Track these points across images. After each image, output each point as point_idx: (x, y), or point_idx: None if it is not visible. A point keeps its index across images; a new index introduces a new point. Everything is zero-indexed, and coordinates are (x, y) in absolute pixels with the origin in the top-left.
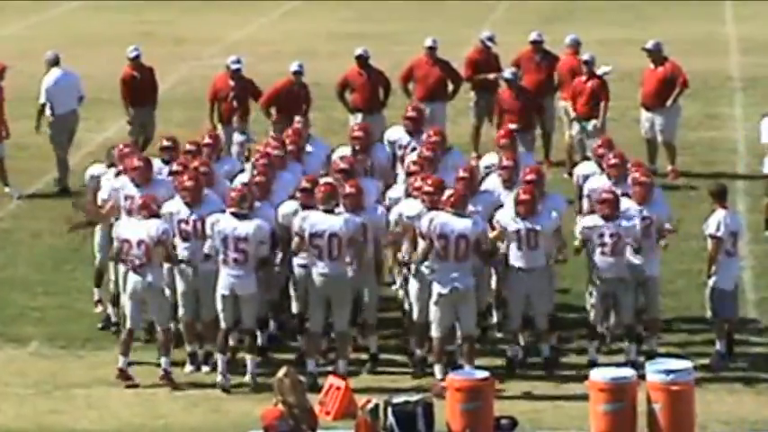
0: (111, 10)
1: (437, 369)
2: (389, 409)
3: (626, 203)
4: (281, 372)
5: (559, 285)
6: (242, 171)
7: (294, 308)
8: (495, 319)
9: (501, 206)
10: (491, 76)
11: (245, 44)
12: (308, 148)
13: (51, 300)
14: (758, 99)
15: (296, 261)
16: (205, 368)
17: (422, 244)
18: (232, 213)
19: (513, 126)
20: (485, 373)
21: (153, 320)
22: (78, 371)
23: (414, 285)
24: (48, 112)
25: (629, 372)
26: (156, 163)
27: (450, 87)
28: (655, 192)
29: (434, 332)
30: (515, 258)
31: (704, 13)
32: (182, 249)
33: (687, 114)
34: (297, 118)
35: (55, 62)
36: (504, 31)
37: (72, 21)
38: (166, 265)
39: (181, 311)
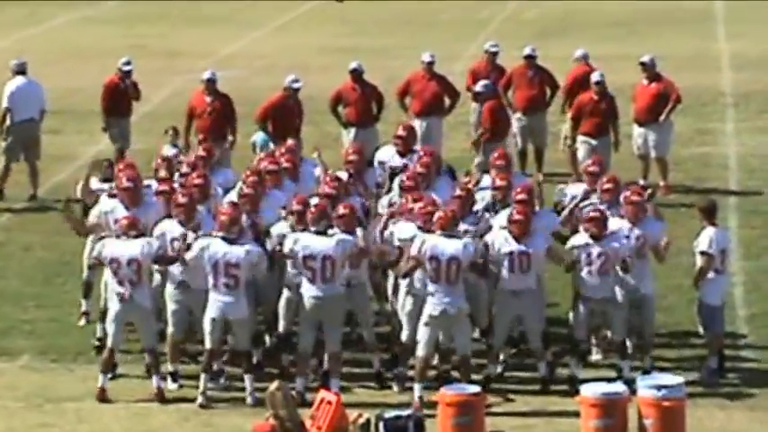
0: (104, 23)
1: (417, 388)
2: (381, 424)
3: (618, 223)
4: (273, 386)
5: (549, 300)
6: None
7: (280, 326)
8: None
9: (491, 227)
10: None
11: (239, 58)
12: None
13: (42, 313)
14: (750, 115)
15: (287, 282)
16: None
17: (408, 262)
18: (222, 238)
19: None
20: (476, 388)
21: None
22: (69, 384)
23: (407, 307)
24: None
25: (620, 387)
26: (151, 182)
27: (447, 102)
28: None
29: (419, 351)
30: (506, 280)
31: (696, 29)
32: (174, 268)
33: (679, 130)
34: (289, 141)
35: (20, 71)
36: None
37: (65, 34)
38: (154, 284)
39: (170, 329)
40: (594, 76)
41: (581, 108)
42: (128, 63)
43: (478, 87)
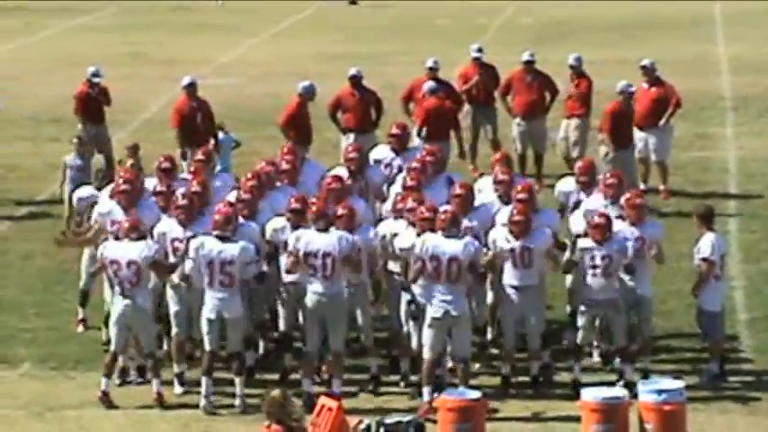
0: (101, 32)
1: (426, 391)
2: (381, 430)
3: (619, 225)
4: (278, 393)
5: (547, 303)
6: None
7: (281, 325)
8: (489, 336)
9: (494, 226)
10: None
11: (236, 65)
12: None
13: (42, 321)
14: (749, 119)
15: (286, 279)
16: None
17: (414, 266)
18: (216, 236)
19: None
20: (476, 393)
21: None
22: (69, 392)
23: (409, 318)
24: None
25: (620, 392)
26: (153, 182)
27: None
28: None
29: (426, 354)
30: (509, 276)
31: (695, 33)
32: None
33: (678, 134)
34: (289, 143)
35: None
36: (495, 51)
37: (61, 42)
38: (151, 286)
39: (174, 330)
40: (628, 87)
41: (618, 119)
42: (96, 75)
43: (425, 88)
